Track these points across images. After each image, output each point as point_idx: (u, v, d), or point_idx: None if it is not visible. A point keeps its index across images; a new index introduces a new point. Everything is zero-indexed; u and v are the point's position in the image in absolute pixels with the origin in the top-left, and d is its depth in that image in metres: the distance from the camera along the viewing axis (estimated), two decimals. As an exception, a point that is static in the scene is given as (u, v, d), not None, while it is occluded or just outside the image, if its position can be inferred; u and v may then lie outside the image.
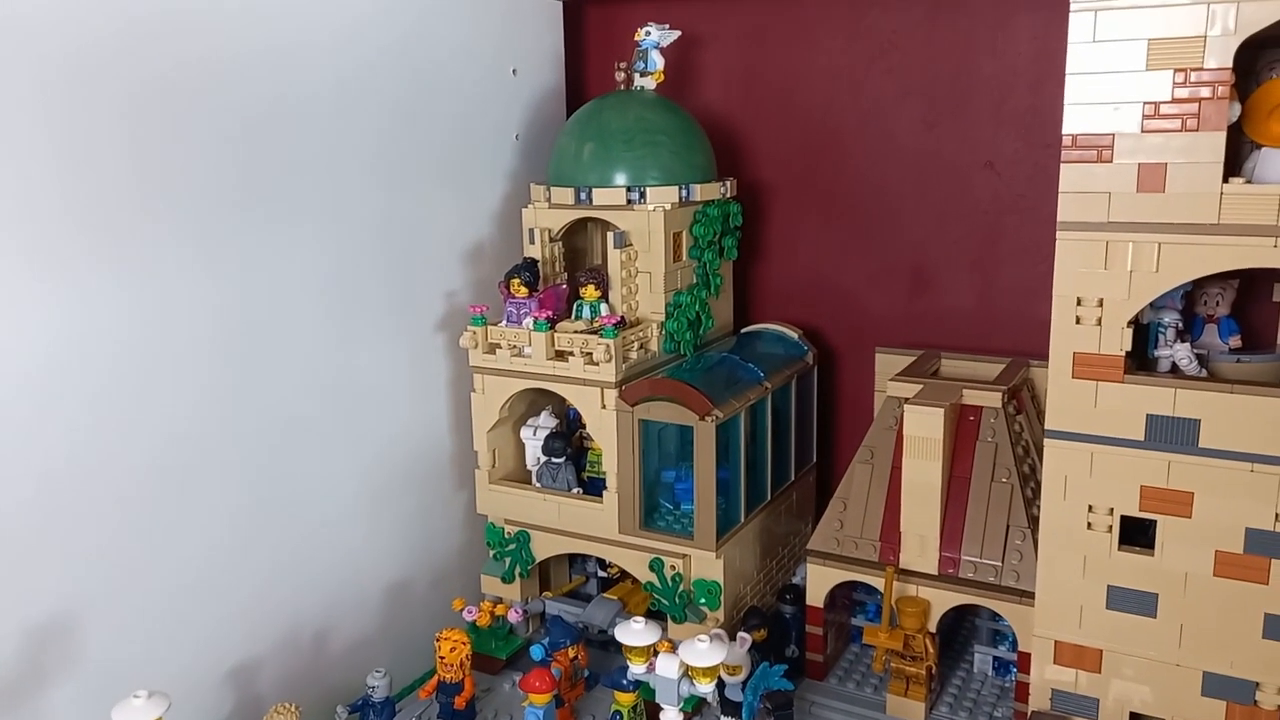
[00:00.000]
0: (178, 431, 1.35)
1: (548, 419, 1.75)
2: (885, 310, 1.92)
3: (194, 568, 1.39)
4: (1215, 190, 1.15)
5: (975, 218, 1.83)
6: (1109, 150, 1.20)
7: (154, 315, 1.30)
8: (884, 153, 1.89)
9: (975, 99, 1.81)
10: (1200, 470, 1.20)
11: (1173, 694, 1.26)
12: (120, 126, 1.23)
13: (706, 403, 1.52)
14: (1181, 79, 1.15)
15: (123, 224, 1.25)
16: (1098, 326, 1.24)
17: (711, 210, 1.74)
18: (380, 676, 1.45)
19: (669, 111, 1.76)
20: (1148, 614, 1.26)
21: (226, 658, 1.44)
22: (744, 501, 1.63)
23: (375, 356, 1.66)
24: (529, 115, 1.95)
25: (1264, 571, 1.19)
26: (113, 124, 1.22)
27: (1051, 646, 1.33)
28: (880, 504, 1.53)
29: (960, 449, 1.50)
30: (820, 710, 1.52)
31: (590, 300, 1.65)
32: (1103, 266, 1.22)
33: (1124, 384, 1.23)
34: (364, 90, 1.58)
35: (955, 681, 1.58)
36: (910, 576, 1.48)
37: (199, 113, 1.32)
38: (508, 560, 1.73)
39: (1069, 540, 1.29)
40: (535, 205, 1.74)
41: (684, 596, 1.58)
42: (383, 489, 1.69)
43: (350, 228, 1.58)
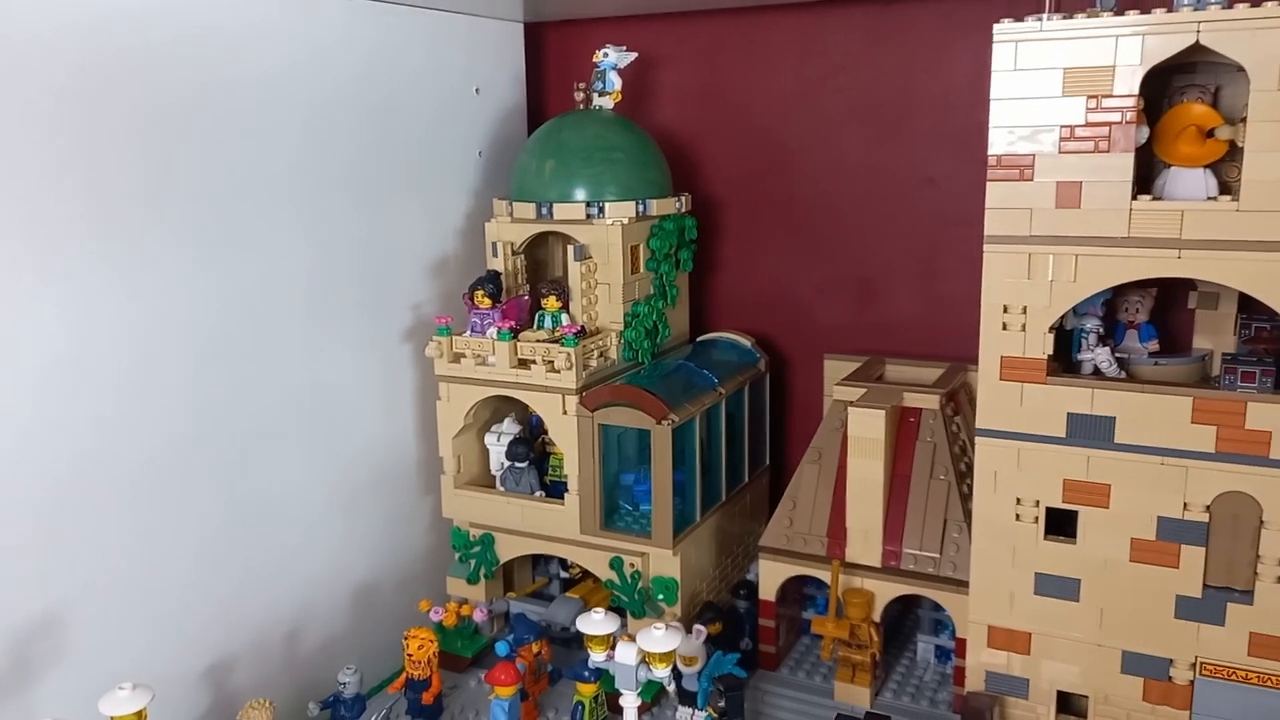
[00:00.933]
0: (155, 439, 1.40)
1: (511, 425, 1.82)
2: (834, 319, 2.02)
3: (170, 571, 1.44)
4: (1125, 206, 1.26)
5: (918, 231, 1.93)
6: (1030, 170, 1.30)
7: (130, 328, 1.36)
8: (832, 169, 1.99)
9: (917, 118, 1.91)
10: (1116, 464, 1.30)
11: (1095, 672, 1.36)
12: (84, 157, 1.29)
13: (663, 407, 1.60)
14: (1094, 105, 1.26)
15: (103, 241, 1.31)
16: (1022, 332, 1.34)
17: (668, 224, 1.83)
18: (351, 673, 1.51)
19: (626, 130, 1.84)
20: (1071, 598, 1.36)
21: (202, 657, 1.50)
22: (700, 502, 1.71)
23: (344, 367, 1.72)
24: (492, 133, 2.02)
25: (1175, 556, 1.29)
26: (76, 154, 1.28)
27: (985, 631, 1.42)
28: (827, 501, 1.62)
29: (901, 449, 1.59)
30: (773, 698, 1.61)
31: (552, 310, 1.72)
32: (1026, 276, 1.32)
33: (1047, 385, 1.33)
34: (335, 110, 1.65)
35: (900, 669, 1.67)
36: (855, 569, 1.57)
37: (177, 136, 1.39)
38: (473, 562, 1.79)
39: (999, 531, 1.39)
40: (498, 219, 1.81)
41: (643, 593, 1.66)
42: (352, 495, 1.75)
43: (321, 243, 1.65)
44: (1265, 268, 1.20)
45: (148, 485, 1.40)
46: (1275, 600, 1.25)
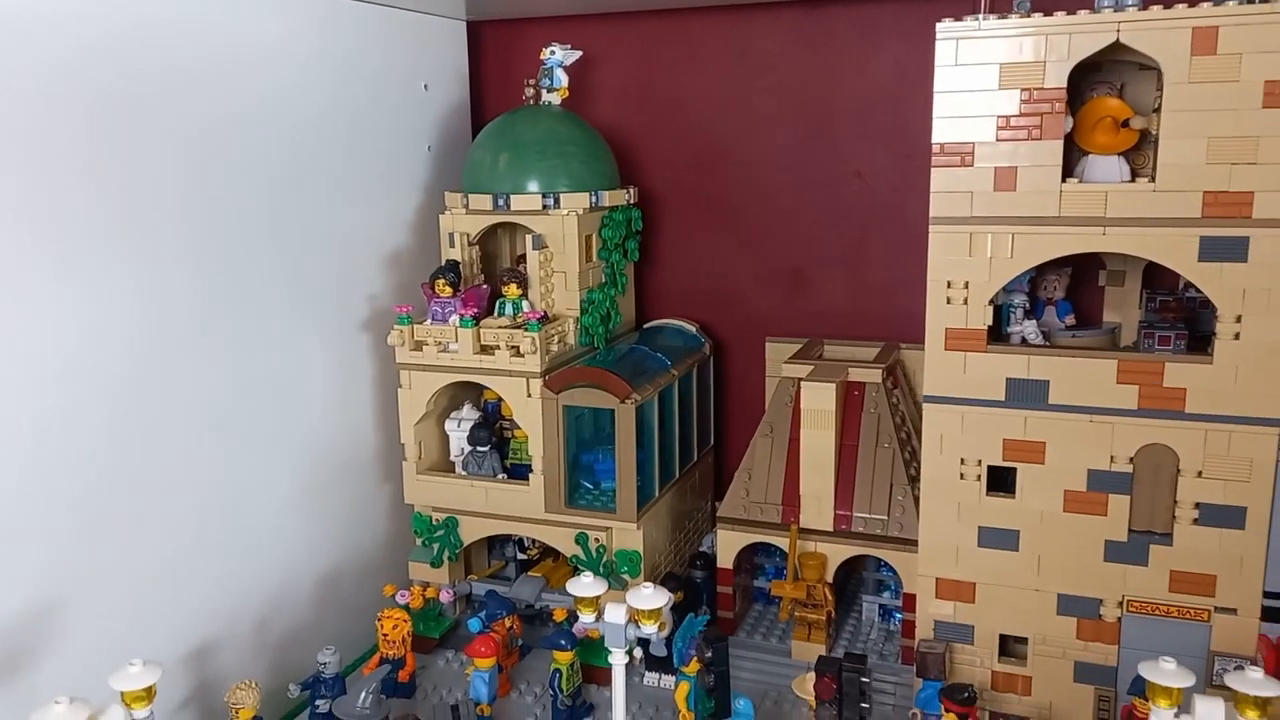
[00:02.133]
0: (118, 432, 1.39)
1: (470, 411, 1.86)
2: (770, 306, 2.13)
3: (138, 562, 1.43)
4: (1055, 189, 1.39)
5: (847, 222, 2.06)
6: (970, 156, 1.42)
7: (89, 322, 1.35)
8: (765, 164, 2.10)
9: (844, 116, 2.03)
10: (1050, 423, 1.44)
11: (1033, 615, 1.48)
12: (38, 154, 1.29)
13: (626, 387, 1.68)
14: (1027, 96, 1.39)
15: (60, 234, 1.30)
16: (965, 305, 1.46)
17: (617, 215, 1.90)
18: (331, 654, 1.53)
19: (576, 124, 1.91)
20: (1011, 549, 1.48)
21: (176, 645, 1.50)
22: (657, 478, 1.79)
23: (303, 358, 1.73)
24: (439, 128, 2.06)
25: (1103, 505, 1.43)
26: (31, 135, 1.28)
27: (933, 584, 1.54)
28: (781, 472, 1.72)
29: (848, 420, 1.71)
30: (734, 660, 1.68)
31: (513, 298, 1.78)
32: (968, 254, 1.44)
33: (987, 353, 1.46)
34: (287, 108, 1.66)
35: (848, 628, 1.78)
36: (810, 534, 1.67)
37: (133, 130, 1.39)
38: (436, 546, 1.83)
39: (945, 490, 1.50)
40: (453, 211, 1.86)
41: (608, 566, 1.72)
42: (313, 484, 1.77)
43: (278, 237, 1.66)
44: (1177, 241, 1.34)
45: (112, 478, 1.39)
46: (1191, 541, 1.40)
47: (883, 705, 1.59)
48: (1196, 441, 1.37)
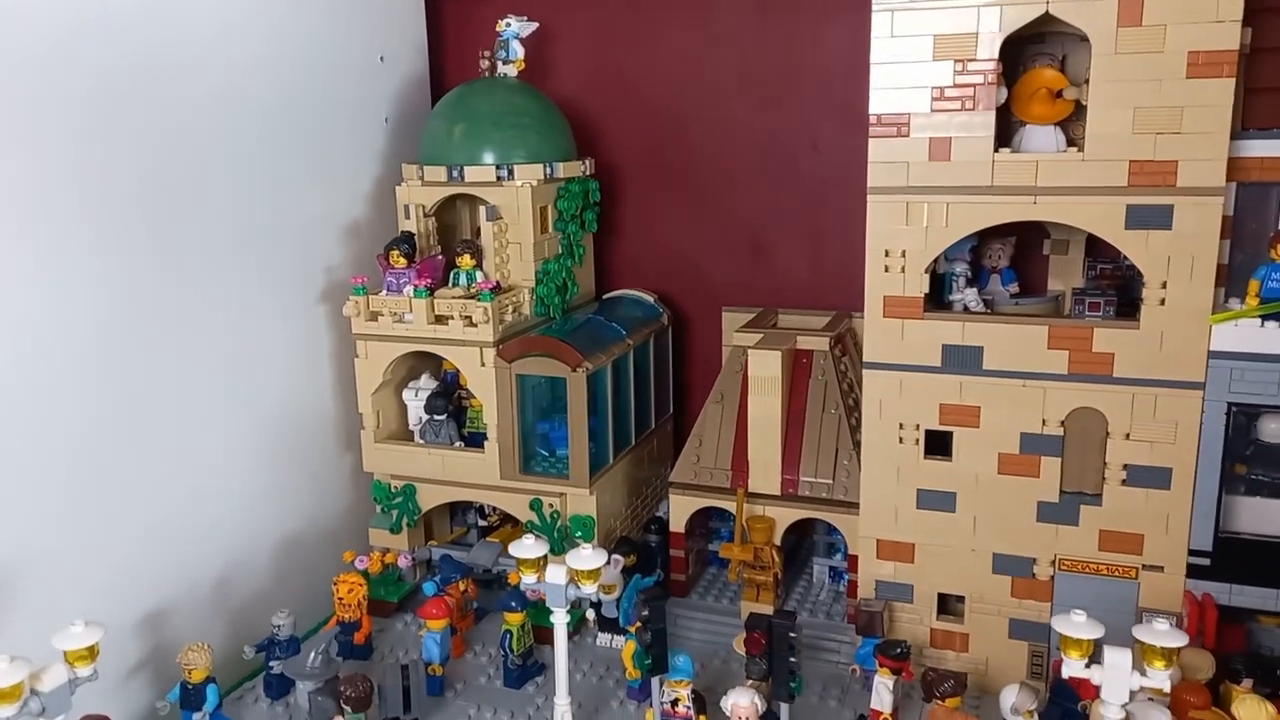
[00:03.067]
0: (80, 402, 1.43)
1: (428, 381, 1.89)
2: (729, 276, 2.15)
3: (100, 527, 1.47)
4: (988, 159, 1.42)
5: (803, 193, 2.08)
6: (906, 127, 1.45)
7: (54, 292, 1.38)
8: (723, 136, 2.11)
9: (800, 88, 2.05)
10: (985, 388, 1.47)
11: (970, 574, 1.53)
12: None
13: (578, 356, 1.71)
14: (960, 68, 1.41)
15: (17, 211, 1.33)
16: (902, 274, 1.49)
17: (573, 186, 1.93)
18: (285, 616, 1.57)
19: (531, 96, 1.93)
20: (949, 510, 1.52)
21: (135, 608, 1.53)
22: (612, 445, 1.83)
23: (261, 328, 1.76)
24: (397, 100, 2.08)
25: (1036, 467, 1.47)
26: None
27: (874, 545, 1.58)
28: (730, 438, 1.75)
29: (796, 387, 1.74)
30: (685, 621, 1.74)
31: (467, 268, 1.80)
32: (904, 223, 1.48)
33: (924, 320, 1.49)
34: (243, 80, 1.67)
35: (798, 589, 1.82)
36: (758, 498, 1.71)
37: (90, 106, 1.41)
38: (395, 512, 1.86)
39: (885, 454, 1.54)
40: (409, 183, 1.88)
41: (562, 531, 1.76)
42: (273, 453, 1.79)
43: (235, 210, 1.68)
44: (1105, 209, 1.38)
45: (73, 445, 1.42)
46: (1120, 501, 1.44)
47: (829, 663, 1.64)
48: (1124, 405, 1.41)
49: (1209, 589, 1.42)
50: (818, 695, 1.54)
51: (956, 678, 1.34)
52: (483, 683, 1.59)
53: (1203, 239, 1.34)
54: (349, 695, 1.37)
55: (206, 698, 1.42)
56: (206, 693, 1.42)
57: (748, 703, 1.27)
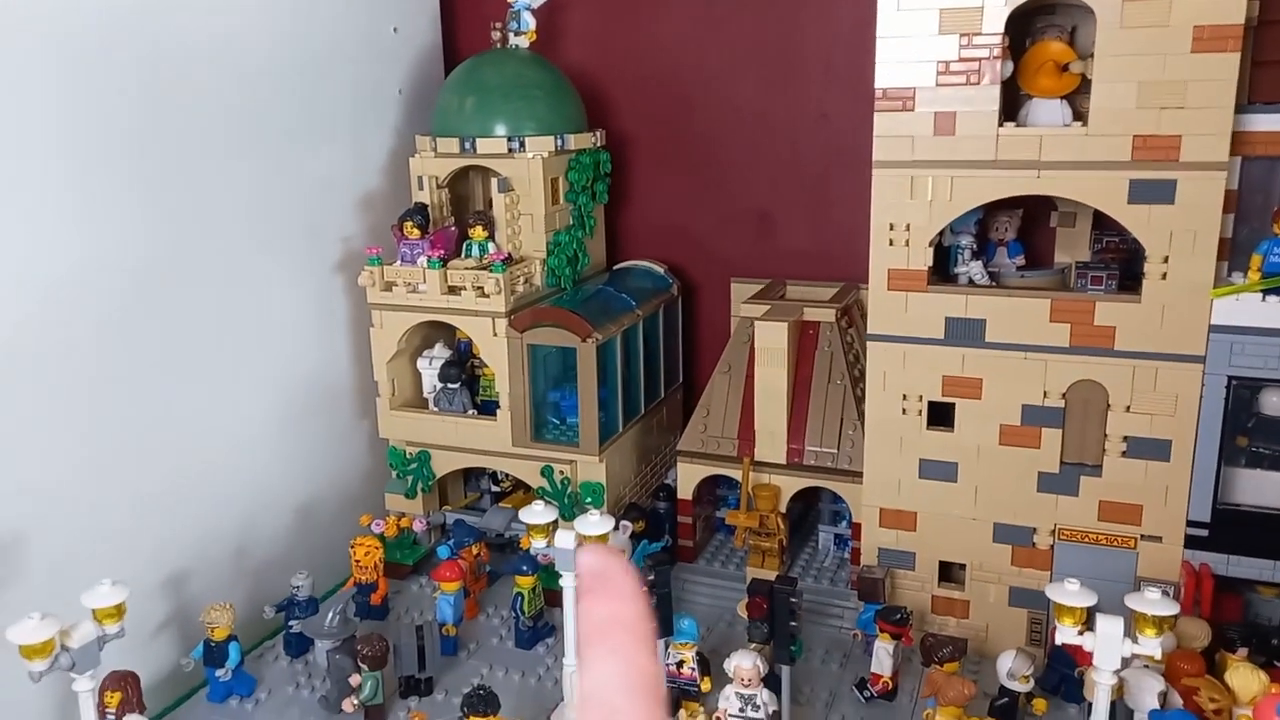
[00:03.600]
0: (106, 365, 1.47)
1: (442, 350, 1.93)
2: (738, 247, 2.17)
3: (122, 489, 1.52)
4: (992, 133, 1.43)
5: (812, 164, 2.09)
6: (912, 101, 1.46)
7: (82, 258, 1.42)
8: (733, 108, 2.12)
9: (810, 60, 2.05)
10: (987, 360, 1.49)
11: (971, 543, 1.56)
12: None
13: (587, 326, 1.74)
14: (965, 42, 1.42)
15: (43, 180, 1.37)
16: (906, 247, 1.51)
17: (584, 158, 1.94)
18: (304, 577, 1.62)
19: (542, 67, 1.95)
20: (950, 480, 1.55)
21: (158, 570, 1.58)
22: (621, 414, 1.86)
23: (279, 297, 1.79)
24: (410, 72, 2.10)
25: (1037, 438, 1.49)
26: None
27: (877, 513, 1.61)
28: (737, 408, 1.78)
29: (802, 358, 1.76)
30: (692, 585, 1.78)
31: (479, 240, 1.83)
32: (909, 197, 1.49)
33: (927, 293, 1.51)
34: (260, 54, 1.70)
35: (804, 556, 1.85)
36: (763, 467, 1.74)
37: (112, 81, 1.44)
38: (410, 478, 1.91)
39: (888, 425, 1.57)
40: (422, 155, 1.90)
41: (572, 497, 1.80)
42: (291, 419, 1.84)
43: (254, 181, 1.71)
44: (1108, 184, 1.39)
45: (100, 412, 1.47)
46: (1120, 472, 1.46)
47: (832, 628, 1.67)
48: (1125, 377, 1.43)
49: (1207, 559, 1.44)
50: (820, 659, 1.57)
51: (955, 643, 1.37)
52: (495, 643, 1.64)
53: (1205, 213, 1.35)
54: (365, 654, 1.42)
55: (229, 655, 1.47)
56: (229, 650, 1.48)
57: (750, 665, 1.31)
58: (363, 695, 1.41)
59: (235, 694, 1.49)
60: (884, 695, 1.44)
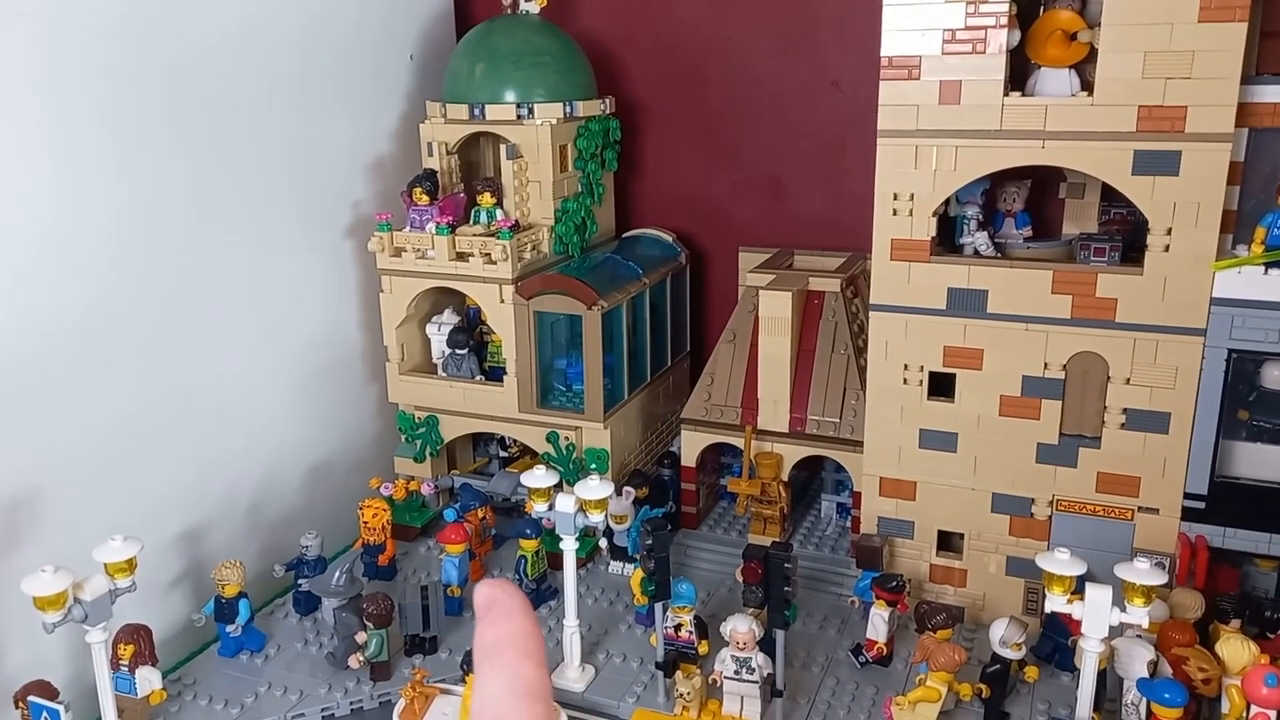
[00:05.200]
0: (123, 324, 1.51)
1: (450, 316, 1.95)
2: (747, 215, 2.17)
3: (138, 449, 1.55)
4: (998, 103, 1.42)
5: (824, 132, 2.08)
6: (917, 69, 1.46)
7: (101, 221, 1.45)
8: (744, 75, 2.12)
9: (822, 27, 2.04)
10: (988, 331, 1.50)
11: (970, 512, 1.57)
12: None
13: (593, 294, 1.75)
14: (972, 10, 1.41)
15: (62, 140, 1.39)
16: (910, 217, 1.51)
17: (593, 125, 1.95)
18: (313, 537, 1.66)
19: (552, 34, 1.95)
20: (950, 450, 1.56)
21: (171, 527, 1.62)
22: (626, 381, 1.88)
23: (290, 262, 1.82)
24: (422, 37, 2.10)
25: (1036, 409, 1.50)
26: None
27: (877, 482, 1.62)
28: (741, 376, 1.80)
29: (807, 327, 1.77)
30: (695, 551, 1.80)
31: (487, 206, 1.84)
32: (913, 166, 1.49)
33: (930, 264, 1.51)
34: (272, 19, 1.72)
35: (806, 524, 1.87)
36: (766, 435, 1.76)
37: (130, 43, 1.46)
38: (419, 442, 1.94)
39: (889, 394, 1.58)
40: (432, 121, 1.91)
41: (577, 463, 1.82)
42: (303, 382, 1.87)
43: (265, 144, 1.73)
44: (1113, 154, 1.38)
45: (117, 373, 1.50)
46: (1118, 444, 1.47)
47: (832, 595, 1.69)
48: (1125, 350, 1.43)
49: (1204, 532, 1.45)
50: (819, 625, 1.60)
51: (949, 611, 1.39)
52: (498, 605, 1.67)
53: (1209, 186, 1.34)
54: (371, 612, 1.45)
55: (239, 611, 1.51)
56: (239, 607, 1.51)
57: (746, 629, 1.33)
58: (368, 652, 1.45)
59: (245, 649, 1.53)
60: (879, 661, 1.46)
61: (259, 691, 1.45)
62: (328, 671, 1.49)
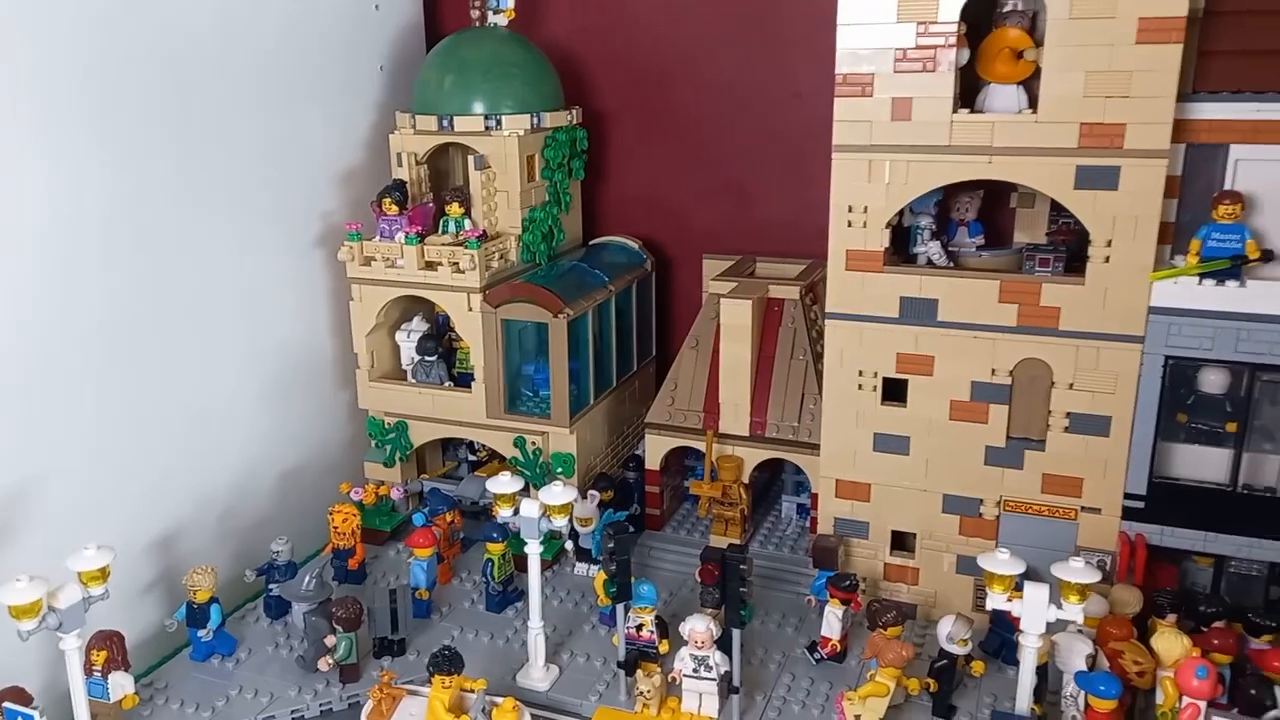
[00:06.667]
0: (88, 334, 1.53)
1: (420, 323, 1.98)
2: (712, 222, 2.22)
3: (109, 455, 1.58)
4: (947, 119, 1.47)
5: (786, 141, 2.13)
6: (871, 86, 1.51)
7: (71, 221, 1.48)
8: (709, 84, 2.16)
9: (785, 37, 2.09)
10: (939, 338, 1.55)
11: (921, 513, 1.62)
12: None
13: (559, 302, 1.79)
14: (922, 30, 1.46)
15: (32, 140, 1.42)
16: (864, 229, 1.56)
17: (560, 136, 1.99)
18: (283, 543, 1.69)
19: (520, 46, 1.98)
20: (903, 453, 1.61)
21: (144, 533, 1.65)
22: (593, 386, 1.92)
23: (261, 270, 1.85)
24: (392, 48, 2.13)
25: (985, 413, 1.55)
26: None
27: (833, 484, 1.67)
28: (704, 382, 1.84)
29: (767, 334, 1.82)
30: (658, 552, 1.85)
31: (455, 216, 1.88)
32: (867, 180, 1.54)
33: (883, 273, 1.56)
34: (243, 27, 1.74)
35: (767, 525, 1.92)
36: (727, 439, 1.81)
37: (101, 48, 1.49)
38: (388, 447, 1.97)
39: (845, 400, 1.63)
40: (402, 131, 1.95)
41: (543, 467, 1.86)
42: (275, 388, 1.90)
43: (236, 156, 1.76)
44: (1056, 169, 1.44)
45: (88, 379, 1.53)
46: (1062, 447, 1.52)
47: (791, 594, 1.74)
48: (1069, 356, 1.49)
49: (1143, 530, 1.51)
50: (777, 623, 1.65)
51: (899, 609, 1.44)
52: (466, 607, 1.71)
53: (1147, 200, 1.40)
54: (340, 615, 1.49)
55: (210, 616, 1.54)
56: (210, 612, 1.54)
57: (703, 628, 1.38)
58: (337, 655, 1.48)
59: (217, 653, 1.56)
60: (833, 657, 1.52)
61: (230, 695, 1.49)
62: (298, 674, 1.53)
